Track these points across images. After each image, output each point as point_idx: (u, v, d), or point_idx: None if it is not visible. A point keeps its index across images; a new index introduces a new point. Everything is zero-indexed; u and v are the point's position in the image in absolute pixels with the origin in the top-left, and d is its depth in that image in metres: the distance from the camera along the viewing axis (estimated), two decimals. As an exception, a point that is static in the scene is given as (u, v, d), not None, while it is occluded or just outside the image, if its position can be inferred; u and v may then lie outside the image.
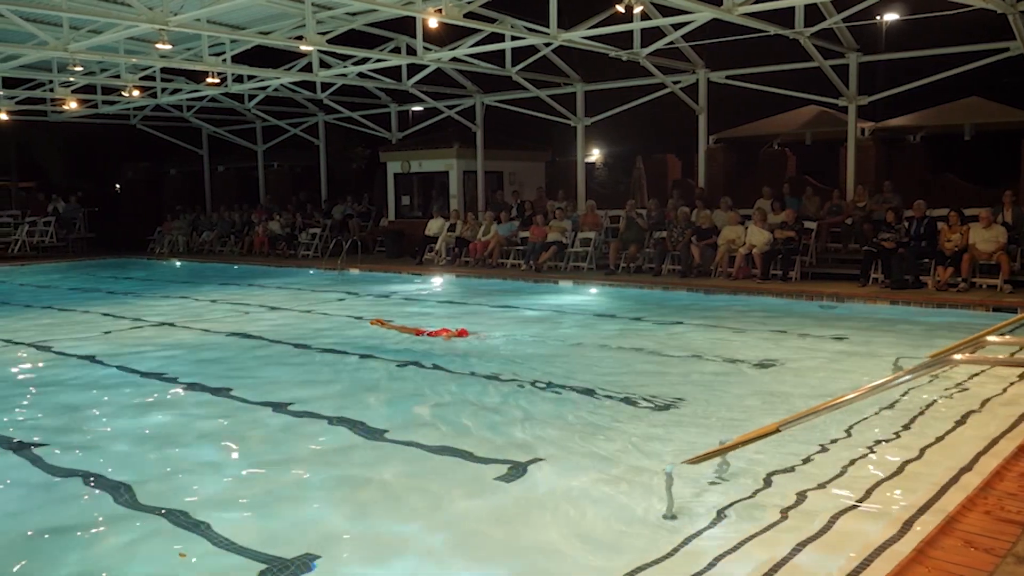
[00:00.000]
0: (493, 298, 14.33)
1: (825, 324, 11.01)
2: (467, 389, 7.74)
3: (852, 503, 4.78)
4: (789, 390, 7.46)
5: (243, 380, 8.24)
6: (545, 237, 17.45)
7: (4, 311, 13.78)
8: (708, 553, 4.17)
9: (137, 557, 4.35)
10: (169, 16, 12.35)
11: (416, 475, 5.45)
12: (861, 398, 5.79)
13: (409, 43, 16.59)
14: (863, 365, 8.48)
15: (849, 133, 16.66)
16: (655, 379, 8.08)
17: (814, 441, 5.84)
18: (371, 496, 5.11)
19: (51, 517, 4.87)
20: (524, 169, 22.72)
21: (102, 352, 9.82)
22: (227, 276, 18.97)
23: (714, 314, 12.12)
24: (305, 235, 22.04)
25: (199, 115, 25.41)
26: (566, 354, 9.49)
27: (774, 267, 14.46)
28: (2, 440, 6.35)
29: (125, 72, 18.57)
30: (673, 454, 5.61)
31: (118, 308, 13.67)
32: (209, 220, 24.98)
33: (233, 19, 15.29)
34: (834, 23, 14.40)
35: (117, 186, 31.42)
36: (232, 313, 13.07)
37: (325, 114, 24.67)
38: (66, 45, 14.17)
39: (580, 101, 19.78)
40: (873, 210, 15.13)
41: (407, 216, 22.27)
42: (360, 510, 4.92)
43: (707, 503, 4.80)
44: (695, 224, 15.89)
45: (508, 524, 4.65)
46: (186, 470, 5.66)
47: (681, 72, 18.08)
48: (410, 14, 13.22)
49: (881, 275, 13.42)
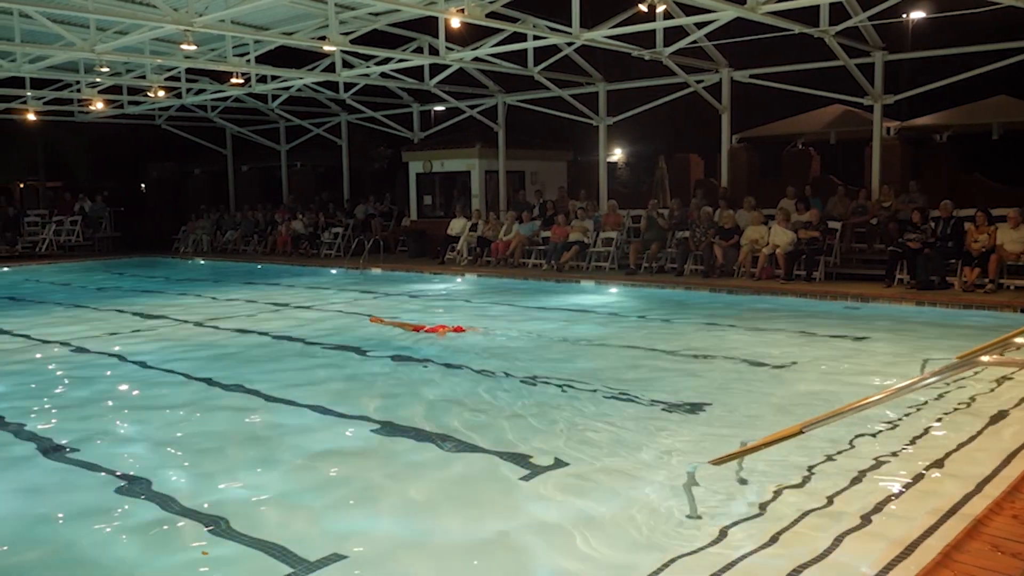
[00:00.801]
0: (513, 297, 14.32)
1: (849, 325, 10.91)
2: (495, 389, 7.74)
3: (877, 506, 4.73)
4: (812, 391, 7.40)
5: (267, 378, 8.28)
6: (567, 237, 17.42)
7: (33, 309, 13.94)
8: (731, 554, 4.15)
9: (160, 554, 4.39)
10: (194, 17, 12.45)
11: (440, 475, 5.45)
12: (886, 400, 5.73)
13: (431, 43, 16.63)
14: (888, 367, 8.40)
15: (875, 132, 16.50)
16: (676, 379, 8.04)
17: (838, 443, 5.79)
18: (398, 497, 5.12)
19: (74, 513, 4.93)
20: (546, 169, 22.71)
21: (130, 349, 9.91)
22: (251, 275, 19.10)
23: (737, 315, 12.05)
24: (328, 234, 22.14)
25: (223, 115, 25.60)
26: (585, 353, 9.47)
27: (798, 267, 14.36)
28: (30, 435, 6.44)
29: (150, 73, 18.74)
30: (696, 454, 5.57)
31: (144, 306, 13.79)
32: (233, 219, 25.15)
33: (257, 20, 15.39)
34: (859, 21, 14.27)
35: (142, 186, 31.73)
36: (256, 311, 13.15)
37: (348, 114, 24.78)
38: (93, 46, 14.31)
39: (602, 100, 19.73)
40: (899, 210, 14.97)
41: (429, 216, 22.32)
42: (386, 511, 4.93)
43: (730, 504, 4.77)
44: (718, 224, 15.81)
45: (530, 524, 4.64)
46: (210, 468, 5.70)
47: (704, 71, 17.99)
48: (432, 14, 13.24)
49: (907, 276, 13.29)
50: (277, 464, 5.74)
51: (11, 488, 5.35)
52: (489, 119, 21.54)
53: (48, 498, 5.20)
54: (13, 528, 4.73)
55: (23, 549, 4.47)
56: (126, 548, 4.45)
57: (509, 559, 4.29)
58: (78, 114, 24.11)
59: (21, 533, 4.66)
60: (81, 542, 4.54)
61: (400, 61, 17.25)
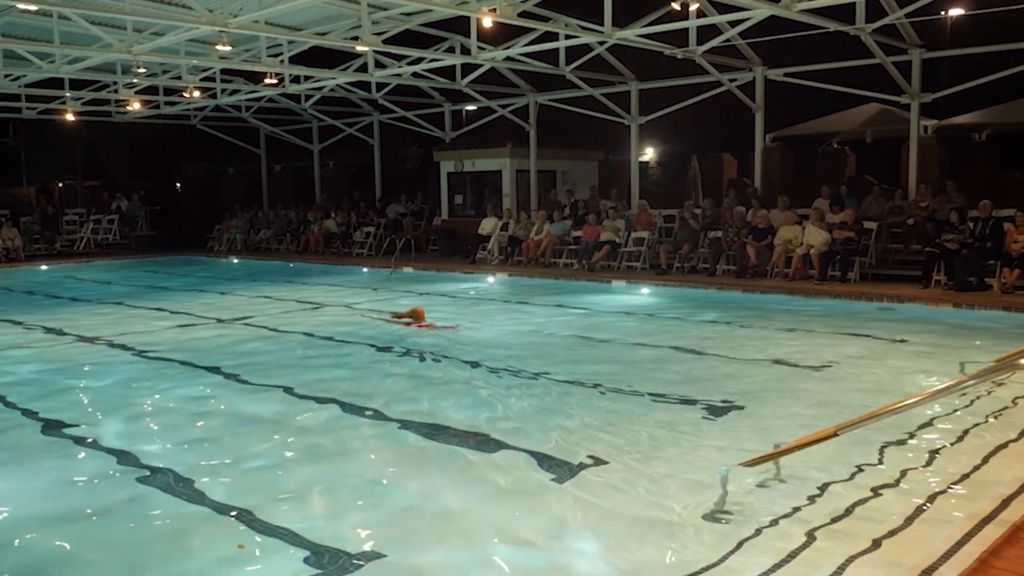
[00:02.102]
0: (543, 296, 14.31)
1: (885, 326, 10.76)
2: (519, 388, 7.74)
3: (913, 510, 4.66)
4: (847, 393, 7.31)
5: (303, 376, 8.35)
6: (598, 237, 17.37)
7: (72, 307, 14.17)
8: (764, 556, 4.10)
9: (196, 548, 4.43)
10: (229, 18, 12.57)
11: (469, 473, 5.46)
12: (923, 403, 5.66)
13: (463, 43, 16.65)
14: (925, 369, 8.28)
15: (912, 131, 16.26)
16: (709, 380, 7.98)
17: (873, 447, 5.71)
18: (434, 495, 5.13)
19: (111, 508, 4.99)
20: (577, 168, 22.65)
21: (167, 347, 10.04)
22: (285, 273, 19.28)
23: (770, 315, 11.94)
24: (359, 233, 22.28)
25: (257, 115, 25.85)
26: (614, 353, 9.44)
27: (832, 268, 14.20)
28: (66, 431, 6.54)
29: (186, 73, 18.97)
30: (728, 456, 5.52)
31: (180, 304, 13.96)
32: (266, 218, 25.39)
33: (291, 20, 15.52)
34: (896, 19, 14.06)
35: (178, 185, 32.12)
36: (291, 309, 13.26)
37: (380, 114, 24.91)
38: (130, 47, 14.51)
39: (634, 100, 19.64)
40: (936, 210, 14.75)
41: (460, 215, 22.37)
42: (423, 509, 4.94)
43: (763, 506, 4.73)
44: (751, 224, 15.67)
45: (560, 523, 4.63)
46: (246, 464, 5.74)
47: (738, 70, 17.84)
48: (464, 14, 13.27)
49: (944, 277, 13.09)
50: (319, 458, 5.77)
51: (52, 482, 5.44)
52: (520, 118, 21.54)
53: (79, 490, 5.28)
54: (50, 520, 4.80)
55: (58, 541, 4.55)
56: (159, 541, 4.50)
57: (541, 559, 4.27)
58: (115, 114, 24.47)
59: (56, 526, 4.73)
60: (113, 535, 4.60)
61: (432, 61, 17.30)
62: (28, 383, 8.27)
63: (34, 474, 5.61)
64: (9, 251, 21.77)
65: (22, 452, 6.09)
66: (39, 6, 11.79)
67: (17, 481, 5.47)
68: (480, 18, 13.08)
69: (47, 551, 4.46)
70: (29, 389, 8.00)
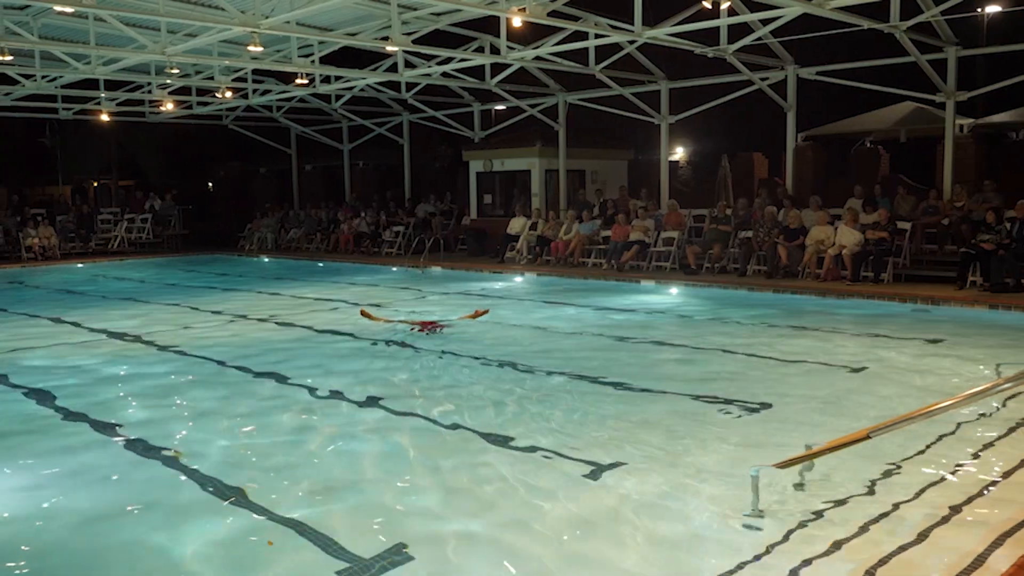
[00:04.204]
0: (571, 295, 14.28)
1: (919, 328, 10.61)
2: (555, 387, 7.73)
3: (946, 514, 4.59)
4: (880, 395, 7.22)
5: (337, 376, 8.40)
6: (627, 236, 17.30)
7: (104, 304, 14.37)
8: (795, 558, 4.06)
9: (226, 543, 4.48)
10: (260, 19, 12.68)
11: (496, 473, 5.45)
12: (957, 406, 5.57)
13: (493, 42, 16.66)
14: (959, 371, 8.15)
15: (947, 130, 16.02)
16: (740, 380, 7.92)
17: (906, 450, 5.63)
18: (462, 496, 5.14)
19: (145, 503, 5.06)
20: (607, 168, 22.58)
21: (201, 346, 10.16)
22: (318, 272, 19.41)
23: (802, 316, 11.82)
24: (389, 233, 22.37)
25: (288, 115, 26.05)
26: (646, 352, 9.39)
27: (865, 268, 14.03)
28: (107, 428, 6.63)
29: (218, 74, 19.17)
30: (759, 457, 5.47)
31: (219, 303, 14.11)
32: (297, 218, 25.58)
33: (321, 21, 15.62)
34: (932, 16, 13.86)
35: (210, 184, 32.46)
36: (323, 309, 13.35)
37: (409, 113, 24.99)
38: (163, 48, 14.69)
39: (664, 99, 19.54)
40: (972, 210, 14.51)
41: (489, 215, 22.38)
42: (453, 509, 4.95)
43: (794, 508, 4.68)
44: (783, 224, 15.53)
45: (591, 525, 4.61)
46: (278, 462, 5.78)
47: (769, 68, 17.69)
48: (494, 13, 13.27)
49: (979, 278, 12.89)
50: (351, 458, 5.80)
51: (89, 480, 5.51)
52: (550, 118, 21.51)
53: (114, 486, 5.34)
54: (84, 518, 4.87)
55: (91, 538, 4.60)
56: (191, 535, 4.54)
57: (571, 556, 4.26)
58: (149, 115, 24.78)
59: (90, 523, 4.80)
60: (145, 529, 4.65)
61: (461, 61, 17.33)
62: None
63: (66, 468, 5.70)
64: (45, 249, 22.13)
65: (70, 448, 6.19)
66: (75, 8, 11.95)
67: (69, 477, 5.56)
68: (510, 18, 13.07)
69: (94, 549, 4.52)
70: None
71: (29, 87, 19.48)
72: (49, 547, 4.49)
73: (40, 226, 22.67)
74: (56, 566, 4.29)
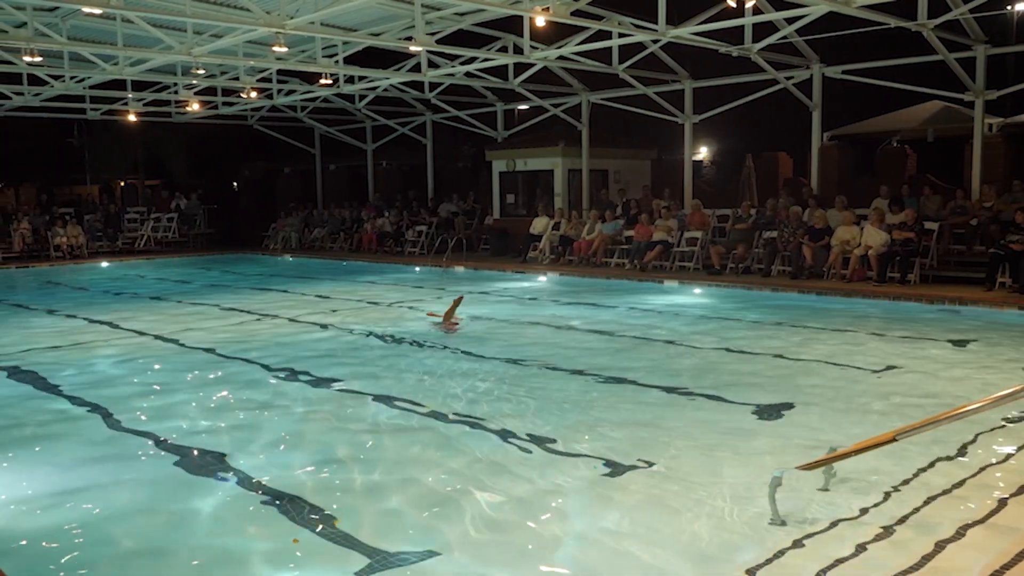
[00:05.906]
0: (592, 295, 14.25)
1: (947, 329, 10.49)
2: (576, 387, 7.72)
3: (975, 518, 4.53)
4: (906, 397, 7.14)
5: (369, 378, 8.44)
6: (651, 236, 17.23)
7: (137, 303, 14.52)
8: (819, 562, 4.02)
9: (250, 541, 4.50)
10: (285, 20, 12.76)
11: (520, 474, 5.45)
12: (985, 408, 5.50)
13: (516, 42, 16.66)
14: (988, 373, 8.05)
15: (976, 129, 15.82)
16: (764, 381, 7.86)
17: (933, 453, 5.56)
18: (488, 497, 5.14)
19: (173, 502, 5.11)
20: (630, 167, 22.52)
21: (232, 346, 10.24)
22: (345, 272, 19.49)
23: (827, 317, 11.72)
24: (412, 232, 22.43)
25: (312, 115, 26.20)
26: (668, 354, 9.35)
27: (891, 269, 13.89)
28: (141, 429, 6.70)
29: (243, 74, 19.30)
30: (783, 460, 5.43)
31: (245, 302, 14.22)
32: (320, 217, 25.71)
33: (345, 21, 15.69)
34: (960, 14, 13.69)
35: (235, 184, 32.71)
36: (350, 308, 13.41)
37: (433, 113, 25.05)
38: (190, 49, 14.82)
39: (688, 98, 19.45)
40: (1001, 210, 14.33)
41: (512, 214, 22.38)
42: (477, 510, 4.96)
43: (818, 511, 4.64)
44: (808, 224, 15.41)
45: (611, 527, 4.60)
46: (302, 461, 5.81)
47: (794, 67, 17.56)
48: (517, 13, 13.26)
49: (1009, 279, 12.73)
50: (376, 458, 5.83)
51: (130, 480, 5.57)
52: (573, 117, 21.48)
53: (147, 486, 5.39)
54: (119, 514, 4.92)
55: (122, 535, 4.65)
56: (215, 533, 4.59)
57: (587, 557, 4.25)
58: (175, 115, 25.01)
59: (122, 520, 4.85)
60: (174, 527, 4.69)
61: (485, 60, 17.34)
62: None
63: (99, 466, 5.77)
64: (73, 248, 22.40)
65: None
66: (103, 9, 12.08)
67: (103, 475, 5.63)
68: (533, 17, 13.06)
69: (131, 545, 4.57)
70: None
71: (58, 88, 19.72)
72: (90, 546, 4.54)
73: (68, 225, 22.95)
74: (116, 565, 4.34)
